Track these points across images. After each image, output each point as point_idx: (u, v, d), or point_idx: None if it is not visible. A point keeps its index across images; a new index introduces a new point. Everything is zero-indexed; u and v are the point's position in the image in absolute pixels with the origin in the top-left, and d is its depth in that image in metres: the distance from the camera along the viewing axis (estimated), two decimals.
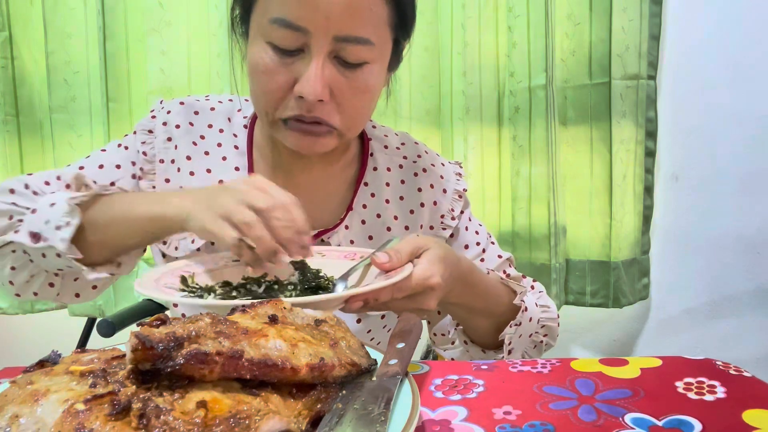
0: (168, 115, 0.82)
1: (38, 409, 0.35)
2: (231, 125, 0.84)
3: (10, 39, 1.52)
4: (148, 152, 0.81)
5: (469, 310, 0.77)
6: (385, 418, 0.39)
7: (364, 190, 0.84)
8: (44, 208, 0.68)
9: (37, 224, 0.68)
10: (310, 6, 0.65)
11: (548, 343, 0.84)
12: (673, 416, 0.49)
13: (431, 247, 0.65)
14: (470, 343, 0.83)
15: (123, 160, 0.81)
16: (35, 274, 0.73)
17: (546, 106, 1.60)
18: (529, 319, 0.79)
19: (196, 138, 0.82)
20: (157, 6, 1.49)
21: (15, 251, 0.71)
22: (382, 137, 0.89)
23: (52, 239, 0.66)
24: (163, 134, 0.81)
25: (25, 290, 0.74)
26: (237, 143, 0.83)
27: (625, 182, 1.66)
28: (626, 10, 1.60)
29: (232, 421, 0.35)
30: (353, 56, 0.69)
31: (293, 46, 0.68)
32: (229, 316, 0.45)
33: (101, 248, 0.71)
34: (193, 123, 0.83)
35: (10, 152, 1.54)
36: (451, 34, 1.59)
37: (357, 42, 0.68)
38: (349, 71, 0.70)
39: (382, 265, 0.62)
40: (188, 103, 0.84)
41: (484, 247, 0.89)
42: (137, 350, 0.36)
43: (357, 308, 0.59)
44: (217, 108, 0.85)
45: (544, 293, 0.88)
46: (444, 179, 0.88)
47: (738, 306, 1.73)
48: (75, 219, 0.67)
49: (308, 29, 0.66)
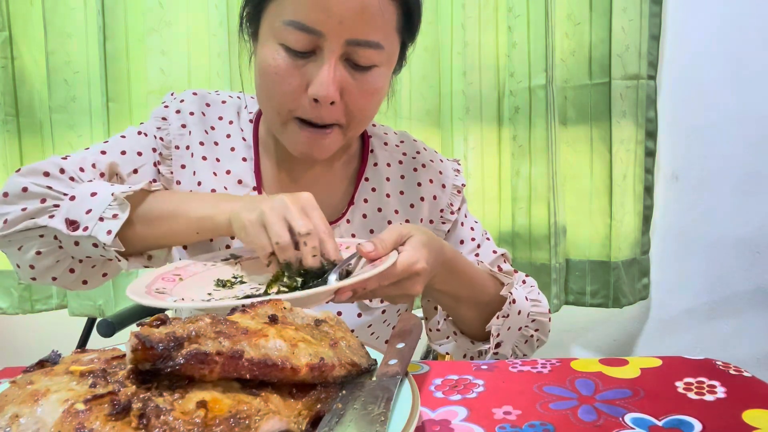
0: (181, 103, 0.84)
1: (38, 409, 0.35)
2: (239, 119, 0.86)
3: (10, 39, 1.52)
4: (164, 138, 0.83)
5: (455, 297, 0.78)
6: (385, 418, 0.39)
7: (365, 185, 0.86)
8: (85, 197, 0.69)
9: (76, 212, 0.68)
10: (324, 10, 0.66)
11: (540, 338, 0.85)
12: (673, 416, 0.49)
13: (414, 234, 0.67)
14: (459, 334, 0.84)
15: (144, 147, 0.82)
16: (61, 260, 0.73)
17: (546, 106, 1.60)
18: (518, 312, 0.80)
19: (207, 128, 0.84)
20: (157, 6, 1.49)
21: (43, 236, 0.70)
22: (381, 135, 0.91)
23: (95, 230, 0.67)
24: (177, 121, 0.83)
25: (45, 275, 0.73)
26: (245, 136, 0.85)
27: (625, 182, 1.66)
28: (626, 10, 1.60)
29: (232, 421, 0.35)
30: (364, 59, 0.70)
31: (306, 48, 0.69)
32: (229, 316, 0.45)
33: (142, 242, 0.72)
34: (205, 113, 0.85)
35: (10, 152, 1.54)
36: (451, 34, 1.59)
37: (368, 46, 0.69)
38: (358, 74, 0.71)
39: (368, 254, 0.64)
40: (201, 94, 0.86)
41: (479, 243, 0.90)
42: (137, 350, 0.36)
43: (346, 299, 0.61)
44: (227, 101, 0.87)
45: (536, 288, 0.89)
46: (443, 174, 0.89)
47: (738, 306, 1.73)
48: (124, 213, 0.68)
49: (322, 32, 0.67)
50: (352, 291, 0.61)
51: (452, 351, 0.89)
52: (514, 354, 0.85)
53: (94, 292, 1.57)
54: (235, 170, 0.82)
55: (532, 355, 0.86)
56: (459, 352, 0.88)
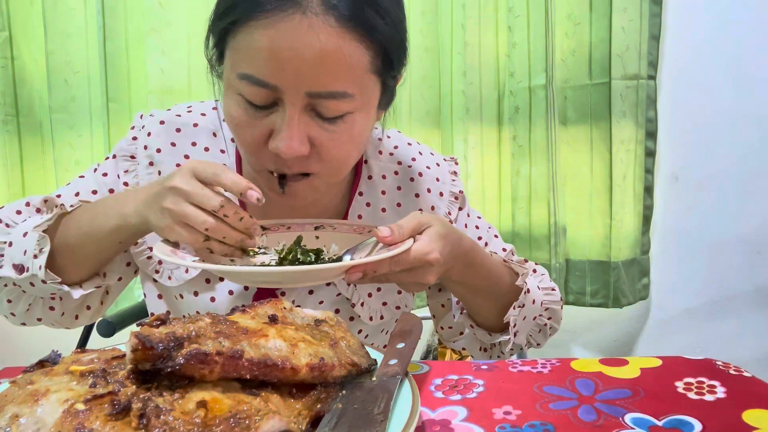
0: (148, 138, 0.79)
1: (38, 409, 0.35)
2: (216, 141, 0.80)
3: (10, 39, 1.51)
4: (130, 182, 0.78)
5: (472, 289, 0.78)
6: (385, 418, 0.39)
7: (359, 200, 0.83)
8: (19, 239, 0.69)
9: (17, 256, 0.69)
10: (277, 62, 0.60)
11: (552, 326, 0.85)
12: (673, 416, 0.49)
13: (433, 224, 0.67)
14: (476, 327, 0.83)
15: (100, 186, 0.79)
16: (32, 302, 0.74)
17: (546, 106, 1.60)
18: (532, 301, 0.80)
19: (179, 158, 0.79)
20: (157, 6, 1.49)
21: (6, 285, 0.72)
22: (375, 141, 0.87)
23: (33, 268, 0.67)
24: (144, 159, 0.79)
25: (28, 318, 0.76)
26: (225, 160, 0.80)
27: (625, 182, 1.66)
28: (626, 10, 1.60)
29: (232, 421, 0.35)
30: (331, 111, 0.64)
31: (265, 102, 0.64)
32: (228, 315, 0.45)
33: (79, 266, 0.72)
34: (176, 143, 0.79)
35: (10, 152, 1.54)
36: (451, 34, 1.59)
37: (333, 97, 0.63)
38: (329, 124, 0.65)
39: (384, 238, 0.64)
40: (168, 120, 0.80)
41: (486, 241, 0.89)
42: (137, 350, 0.36)
43: (356, 279, 0.61)
44: (200, 124, 0.81)
45: (547, 276, 0.89)
46: (440, 182, 0.87)
47: (738, 306, 1.73)
48: (46, 245, 0.68)
49: (278, 86, 0.62)
50: (363, 273, 0.61)
51: (468, 346, 0.89)
52: (529, 343, 0.85)
53: None
54: None
55: (545, 343, 0.86)
56: (475, 346, 0.87)
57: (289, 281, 0.67)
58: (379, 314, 0.82)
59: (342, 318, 0.80)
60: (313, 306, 0.79)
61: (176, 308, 0.80)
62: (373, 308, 0.81)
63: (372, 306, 0.81)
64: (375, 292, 0.81)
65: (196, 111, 0.82)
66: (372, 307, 0.81)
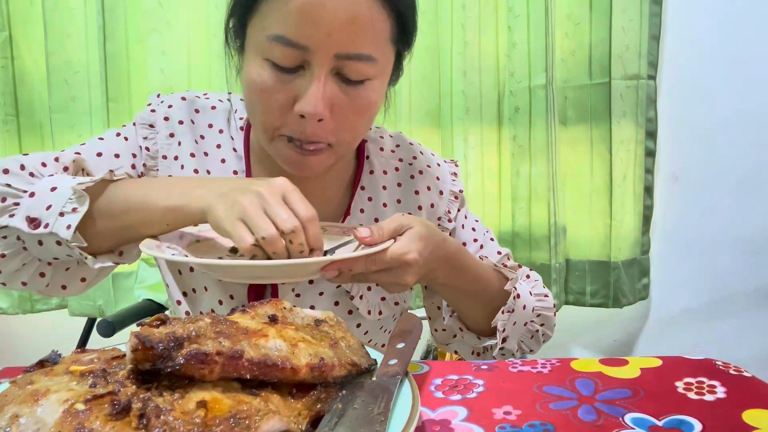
0: (169, 109, 0.81)
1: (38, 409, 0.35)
2: (230, 127, 0.83)
3: (10, 39, 1.51)
4: (151, 148, 0.79)
5: (459, 292, 0.78)
6: (385, 418, 0.39)
7: (361, 194, 0.84)
8: (44, 192, 0.65)
9: (36, 209, 0.64)
10: (311, 23, 0.63)
11: (545, 333, 0.85)
12: (673, 416, 0.49)
13: (414, 226, 0.67)
14: (465, 330, 0.84)
15: (122, 150, 0.78)
16: (27, 262, 0.69)
17: (546, 106, 1.60)
18: (522, 307, 0.80)
19: (197, 137, 0.81)
20: (157, 6, 1.49)
21: (6, 237, 0.67)
22: (377, 139, 0.88)
23: (55, 226, 0.63)
24: (165, 129, 0.80)
25: (14, 279, 0.69)
26: (235, 146, 0.82)
27: (625, 182, 1.66)
28: (626, 10, 1.60)
29: (232, 421, 0.35)
30: (355, 73, 0.67)
31: (293, 64, 0.66)
32: (228, 316, 0.45)
33: (109, 237, 0.68)
34: (195, 121, 0.81)
35: (10, 152, 1.54)
36: (451, 34, 1.59)
37: (359, 59, 0.66)
38: (350, 88, 0.68)
39: (363, 239, 0.64)
40: (189, 98, 0.82)
41: (482, 243, 0.89)
42: (137, 350, 0.36)
43: (332, 276, 0.61)
44: (217, 107, 0.84)
45: (540, 282, 0.88)
46: (440, 180, 0.88)
47: (738, 306, 1.73)
48: (83, 206, 0.64)
49: (309, 47, 0.64)
50: (338, 271, 0.61)
51: (460, 349, 0.89)
52: (521, 349, 0.84)
53: (94, 292, 1.57)
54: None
55: (539, 349, 0.85)
56: (466, 349, 0.87)
57: (264, 277, 0.65)
58: (378, 309, 0.82)
59: (341, 310, 0.81)
60: (313, 296, 0.79)
61: (196, 300, 0.80)
62: (371, 302, 0.81)
63: (371, 300, 0.81)
64: (374, 286, 0.81)
65: (212, 97, 0.85)
66: (371, 302, 0.81)
